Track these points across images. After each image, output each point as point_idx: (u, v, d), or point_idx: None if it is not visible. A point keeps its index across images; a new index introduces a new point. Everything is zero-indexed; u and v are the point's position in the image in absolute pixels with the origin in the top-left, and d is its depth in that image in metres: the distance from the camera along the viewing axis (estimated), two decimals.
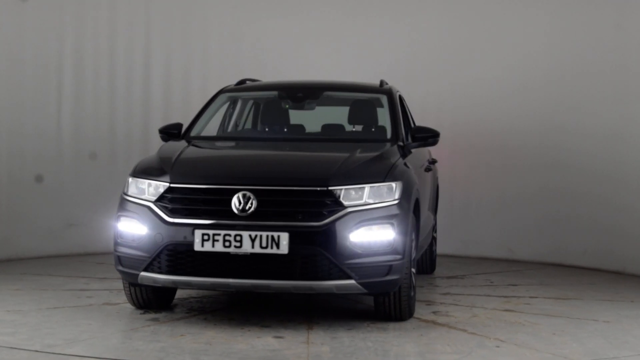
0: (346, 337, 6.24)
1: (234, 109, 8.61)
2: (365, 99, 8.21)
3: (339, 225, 6.26)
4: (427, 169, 8.41)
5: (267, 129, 8.22)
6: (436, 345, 6.06)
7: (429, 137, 7.67)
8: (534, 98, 10.47)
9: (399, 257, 6.44)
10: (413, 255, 6.91)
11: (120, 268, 6.66)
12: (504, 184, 10.62)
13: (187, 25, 10.84)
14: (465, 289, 8.46)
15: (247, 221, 6.27)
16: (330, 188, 6.34)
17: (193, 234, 6.28)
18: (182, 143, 7.40)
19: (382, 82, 8.30)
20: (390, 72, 9.50)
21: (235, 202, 6.31)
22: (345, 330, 6.46)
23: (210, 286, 6.44)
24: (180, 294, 7.54)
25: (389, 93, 8.06)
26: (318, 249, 6.21)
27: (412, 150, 7.64)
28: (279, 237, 6.20)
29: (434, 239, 9.50)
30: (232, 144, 7.74)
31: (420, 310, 7.29)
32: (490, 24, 10.69)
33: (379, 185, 6.49)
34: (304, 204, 6.31)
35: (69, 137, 10.12)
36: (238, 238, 6.23)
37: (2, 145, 9.66)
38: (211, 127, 8.19)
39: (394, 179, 6.59)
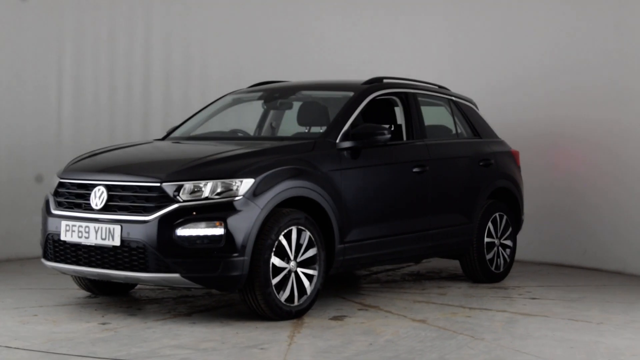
0: (158, 329, 6.44)
1: (268, 110, 8.88)
2: (338, 98, 8.05)
3: (166, 220, 6.46)
4: (422, 170, 7.95)
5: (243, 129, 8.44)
6: (209, 343, 6.03)
7: (371, 134, 7.40)
8: (531, 99, 10.33)
9: (234, 254, 6.44)
10: (302, 257, 6.85)
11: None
12: None
13: (187, 25, 11.00)
14: (449, 298, 7.88)
15: (94, 214, 6.74)
16: (164, 184, 6.55)
17: (61, 224, 6.90)
18: (130, 143, 7.98)
19: (372, 80, 8.06)
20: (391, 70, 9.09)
21: (92, 196, 6.81)
22: (186, 324, 6.62)
23: (73, 272, 6.99)
24: None
25: (358, 90, 7.84)
26: (144, 242, 6.47)
27: (363, 149, 7.42)
28: (113, 229, 6.58)
29: (502, 246, 8.85)
30: (158, 142, 8.04)
31: (330, 311, 7.20)
32: (487, 24, 10.74)
33: (224, 182, 6.55)
34: (140, 199, 6.62)
35: (69, 137, 10.34)
36: (87, 229, 6.73)
37: (2, 144, 9.92)
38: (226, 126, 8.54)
39: (244, 176, 6.60)
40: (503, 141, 9.23)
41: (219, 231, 6.43)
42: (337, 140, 7.36)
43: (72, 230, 6.82)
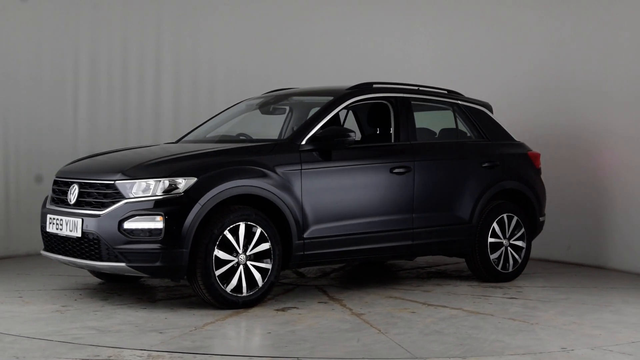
0: (103, 312, 7.14)
1: (291, 115, 9.39)
2: (323, 103, 8.42)
3: (114, 214, 7.18)
4: (406, 171, 8.21)
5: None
6: (123, 326, 6.64)
7: (335, 136, 7.79)
8: (526, 99, 10.59)
9: (173, 246, 7.05)
10: (249, 251, 7.32)
11: None
12: None
13: (196, 34, 11.37)
14: (426, 295, 8.05)
15: (68, 208, 7.57)
16: (117, 182, 7.27)
17: (47, 218, 7.79)
18: (134, 146, 8.75)
19: (358, 85, 8.42)
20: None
21: (68, 192, 7.65)
22: (135, 309, 7.28)
23: (57, 260, 7.80)
24: None
25: (338, 95, 8.23)
26: (97, 234, 7.22)
27: (334, 151, 7.84)
28: (77, 222, 7.38)
29: (512, 246, 8.92)
30: (165, 145, 8.70)
31: (290, 302, 7.62)
32: (484, 24, 11.05)
33: (171, 180, 7.18)
34: (100, 195, 7.37)
35: (84, 141, 10.82)
36: (61, 222, 7.57)
37: (20, 147, 10.51)
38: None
39: (187, 174, 7.21)
40: (520, 143, 9.25)
41: (159, 225, 7.04)
42: (302, 142, 7.78)
43: (52, 222, 7.66)
